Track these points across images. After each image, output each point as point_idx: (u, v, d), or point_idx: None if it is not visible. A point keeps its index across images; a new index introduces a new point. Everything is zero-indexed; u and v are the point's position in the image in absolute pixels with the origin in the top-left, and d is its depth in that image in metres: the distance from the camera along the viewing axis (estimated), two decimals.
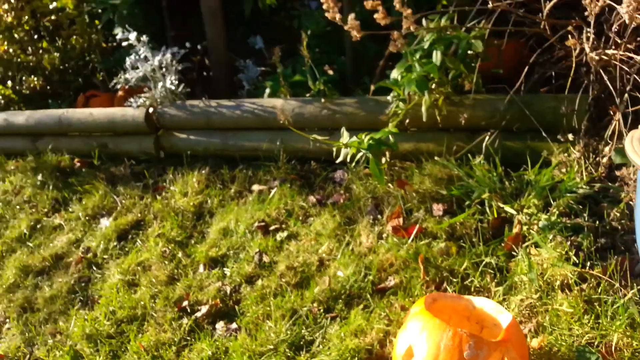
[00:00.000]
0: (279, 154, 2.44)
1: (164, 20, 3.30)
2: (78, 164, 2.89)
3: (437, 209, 1.87)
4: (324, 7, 1.51)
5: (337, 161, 1.91)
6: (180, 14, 3.50)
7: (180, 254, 2.09)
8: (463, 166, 2.00)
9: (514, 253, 1.64)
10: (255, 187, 2.38)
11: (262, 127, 2.49)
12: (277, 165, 2.43)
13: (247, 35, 3.40)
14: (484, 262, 1.61)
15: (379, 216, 1.94)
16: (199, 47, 3.74)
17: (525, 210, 1.76)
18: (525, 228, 1.69)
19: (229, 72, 3.20)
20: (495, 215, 1.77)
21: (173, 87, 2.63)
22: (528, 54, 2.14)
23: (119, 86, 2.84)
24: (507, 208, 1.77)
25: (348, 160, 1.87)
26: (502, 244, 1.68)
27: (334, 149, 1.92)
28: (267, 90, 2.72)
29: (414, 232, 1.75)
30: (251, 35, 3.46)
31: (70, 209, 2.58)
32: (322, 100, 2.30)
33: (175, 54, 2.72)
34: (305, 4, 3.75)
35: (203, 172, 2.55)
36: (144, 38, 2.61)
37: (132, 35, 2.59)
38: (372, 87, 2.35)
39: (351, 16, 1.51)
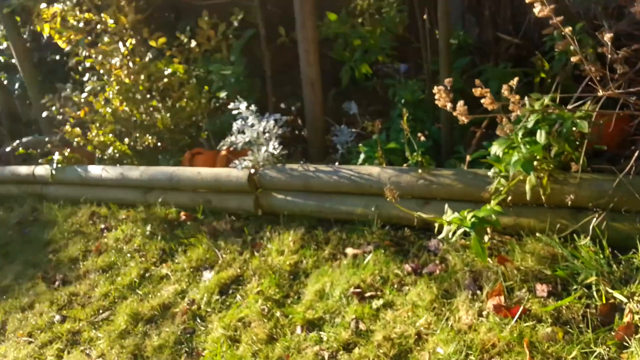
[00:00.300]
0: (373, 219, 2.51)
1: (266, 86, 3.56)
2: (184, 217, 3.12)
3: (541, 289, 1.84)
4: (436, 97, 1.61)
5: (439, 237, 1.95)
6: (280, 80, 3.78)
7: (278, 313, 2.19)
8: (567, 245, 1.97)
9: (625, 344, 1.58)
10: (349, 251, 2.46)
11: (357, 192, 2.59)
12: (370, 230, 2.50)
13: (341, 99, 3.58)
14: (594, 353, 1.56)
15: (478, 291, 1.94)
16: (292, 108, 3.99)
17: (636, 298, 1.69)
18: (637, 317, 1.63)
19: (322, 135, 3.37)
20: (604, 301, 1.72)
21: (275, 152, 2.81)
22: (634, 132, 2.10)
23: (224, 147, 3.08)
24: (617, 294, 1.71)
25: (450, 236, 1.90)
26: (613, 333, 1.63)
27: (437, 225, 1.97)
28: (362, 156, 2.83)
29: (518, 313, 1.73)
30: (344, 99, 3.64)
31: (176, 260, 2.78)
32: (419, 170, 2.36)
33: (278, 120, 2.92)
34: (395, 68, 3.91)
35: (298, 232, 2.67)
36: (252, 107, 2.84)
37: (243, 106, 2.83)
38: (468, 158, 2.39)
39: (460, 103, 1.59)
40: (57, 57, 5.42)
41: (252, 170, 2.89)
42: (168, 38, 4.02)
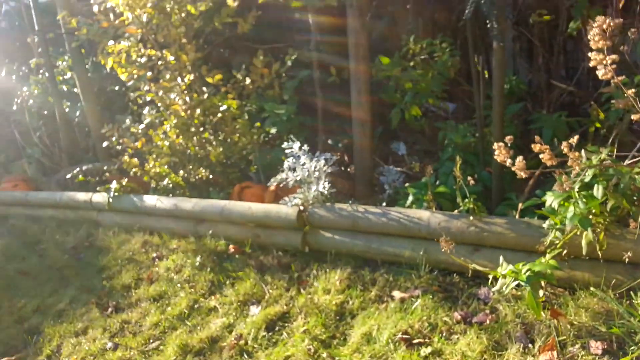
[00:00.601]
0: (421, 263, 2.52)
1: (317, 124, 3.66)
2: (232, 250, 3.21)
3: (595, 346, 1.80)
4: (496, 152, 1.64)
5: (494, 290, 1.95)
6: (329, 118, 3.87)
7: (324, 354, 2.20)
8: (623, 302, 1.92)
9: None
10: (396, 294, 2.46)
11: (406, 235, 2.60)
12: (418, 273, 2.51)
13: (388, 138, 3.63)
14: None
15: (530, 345, 1.91)
16: (339, 144, 4.07)
17: None
18: None
19: (370, 174, 3.42)
20: None
21: (325, 191, 2.88)
22: None
23: (274, 183, 3.17)
24: None
25: (504, 289, 1.90)
26: None
27: (490, 276, 1.96)
28: (410, 198, 2.86)
29: None
30: (392, 138, 3.70)
31: (224, 293, 2.85)
32: (470, 217, 2.37)
33: (328, 160, 2.99)
34: (444, 108, 3.95)
35: (345, 271, 2.70)
36: (305, 147, 2.93)
37: (296, 146, 2.92)
38: (521, 206, 2.38)
39: (519, 159, 1.61)
40: (116, 88, 5.74)
41: (301, 208, 2.96)
42: (223, 74, 4.21)
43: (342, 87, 3.46)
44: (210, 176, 3.91)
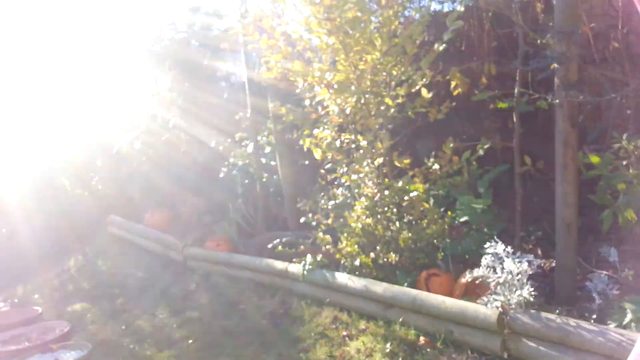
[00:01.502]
0: None
1: (514, 220, 3.60)
2: (423, 342, 3.24)
3: None
4: None
5: None
6: (525, 213, 3.78)
7: None
8: None
9: None
10: None
11: None
12: None
13: (596, 242, 3.41)
14: None
15: None
16: (532, 237, 3.91)
17: None
18: None
19: (573, 279, 3.22)
20: None
21: (530, 298, 2.79)
22: None
23: (469, 278, 3.16)
24: None
25: None
26: None
27: None
28: (629, 315, 2.62)
29: None
30: (597, 240, 3.46)
31: None
32: None
33: (531, 263, 2.91)
34: None
35: None
36: (509, 249, 2.90)
37: (500, 248, 2.91)
38: None
39: None
40: (306, 162, 6.31)
41: (501, 310, 2.90)
42: (409, 157, 4.41)
43: (543, 184, 3.38)
44: (397, 259, 4.03)
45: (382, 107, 4.24)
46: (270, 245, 4.79)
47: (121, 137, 7.58)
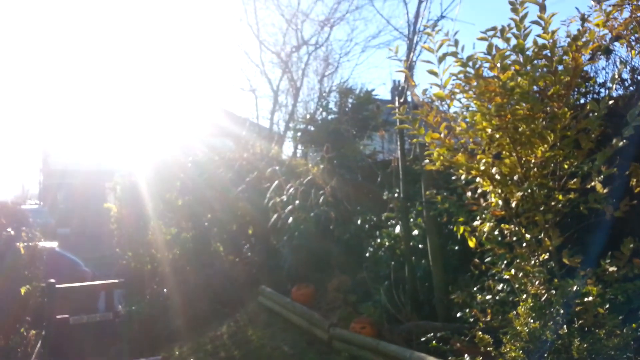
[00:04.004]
0: None
1: None
2: None
3: None
4: None
5: None
6: None
7: None
8: None
9: None
10: None
11: None
12: None
13: None
14: None
15: None
16: None
17: None
18: None
19: None
20: None
21: None
22: None
23: None
24: None
25: None
26: None
27: None
28: None
29: None
30: None
31: None
32: None
33: None
34: None
35: None
36: None
37: None
38: None
39: None
40: (456, 247, 6.14)
41: None
42: (578, 254, 4.05)
43: None
44: None
45: (553, 202, 4.02)
46: (423, 339, 4.64)
47: (274, 210, 8.12)
